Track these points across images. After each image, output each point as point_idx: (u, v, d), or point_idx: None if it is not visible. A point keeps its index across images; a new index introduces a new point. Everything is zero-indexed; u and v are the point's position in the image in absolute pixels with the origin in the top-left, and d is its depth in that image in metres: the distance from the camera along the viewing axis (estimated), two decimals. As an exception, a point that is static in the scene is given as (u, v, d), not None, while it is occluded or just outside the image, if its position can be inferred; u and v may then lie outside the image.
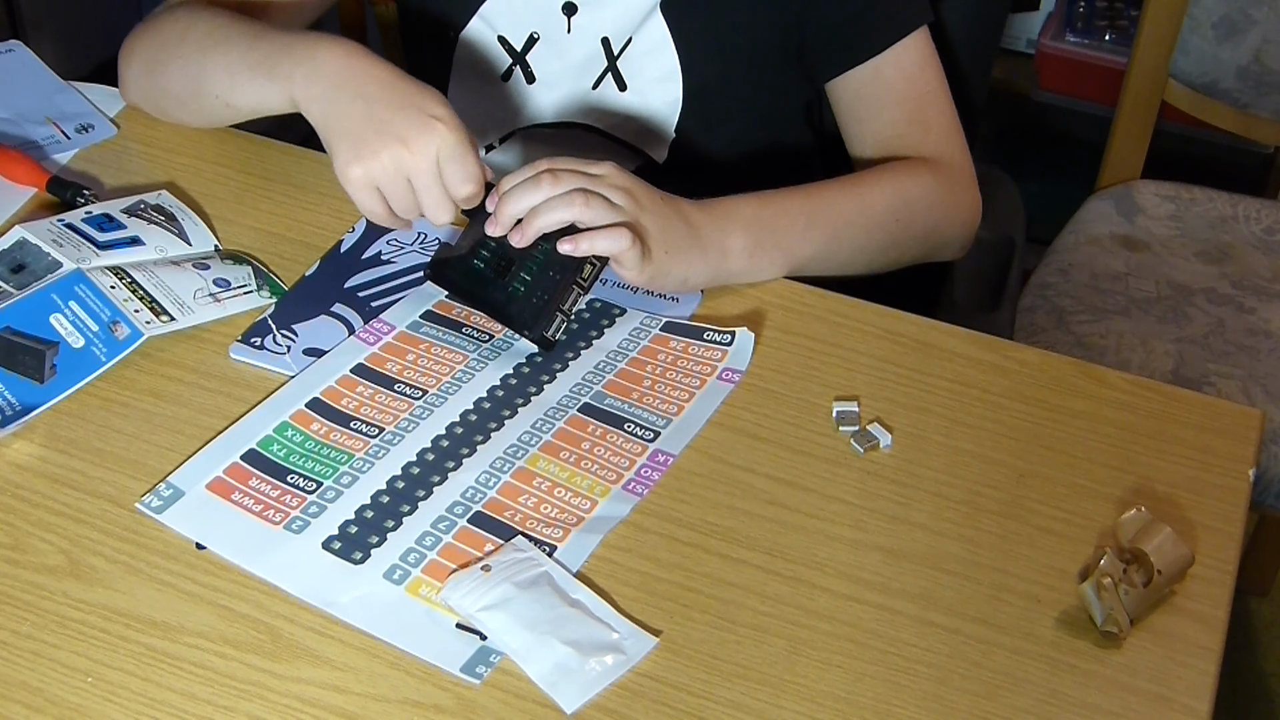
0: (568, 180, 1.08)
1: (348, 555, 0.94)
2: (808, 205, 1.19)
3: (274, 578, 0.93)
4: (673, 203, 1.12)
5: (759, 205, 1.16)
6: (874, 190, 1.22)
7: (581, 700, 0.87)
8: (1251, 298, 1.71)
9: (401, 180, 1.08)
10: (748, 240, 1.14)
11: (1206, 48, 1.78)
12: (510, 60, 1.32)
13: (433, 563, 0.94)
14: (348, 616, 0.91)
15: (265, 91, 1.15)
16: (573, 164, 1.10)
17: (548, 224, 1.07)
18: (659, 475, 1.00)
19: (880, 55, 1.25)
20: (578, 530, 0.96)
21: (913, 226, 1.24)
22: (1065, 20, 2.55)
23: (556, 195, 1.07)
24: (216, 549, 0.94)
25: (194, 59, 1.21)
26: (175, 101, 1.26)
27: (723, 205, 1.15)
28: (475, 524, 0.96)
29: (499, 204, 1.09)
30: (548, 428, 1.03)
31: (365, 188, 1.09)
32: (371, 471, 1.00)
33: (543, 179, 1.07)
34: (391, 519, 0.97)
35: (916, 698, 0.88)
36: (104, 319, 1.06)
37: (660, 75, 1.29)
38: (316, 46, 1.12)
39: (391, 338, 1.10)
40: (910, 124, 1.27)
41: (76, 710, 0.85)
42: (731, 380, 1.07)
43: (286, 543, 0.95)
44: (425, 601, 0.92)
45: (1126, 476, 1.02)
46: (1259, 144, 2.24)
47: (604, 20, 1.28)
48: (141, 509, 0.96)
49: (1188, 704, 0.89)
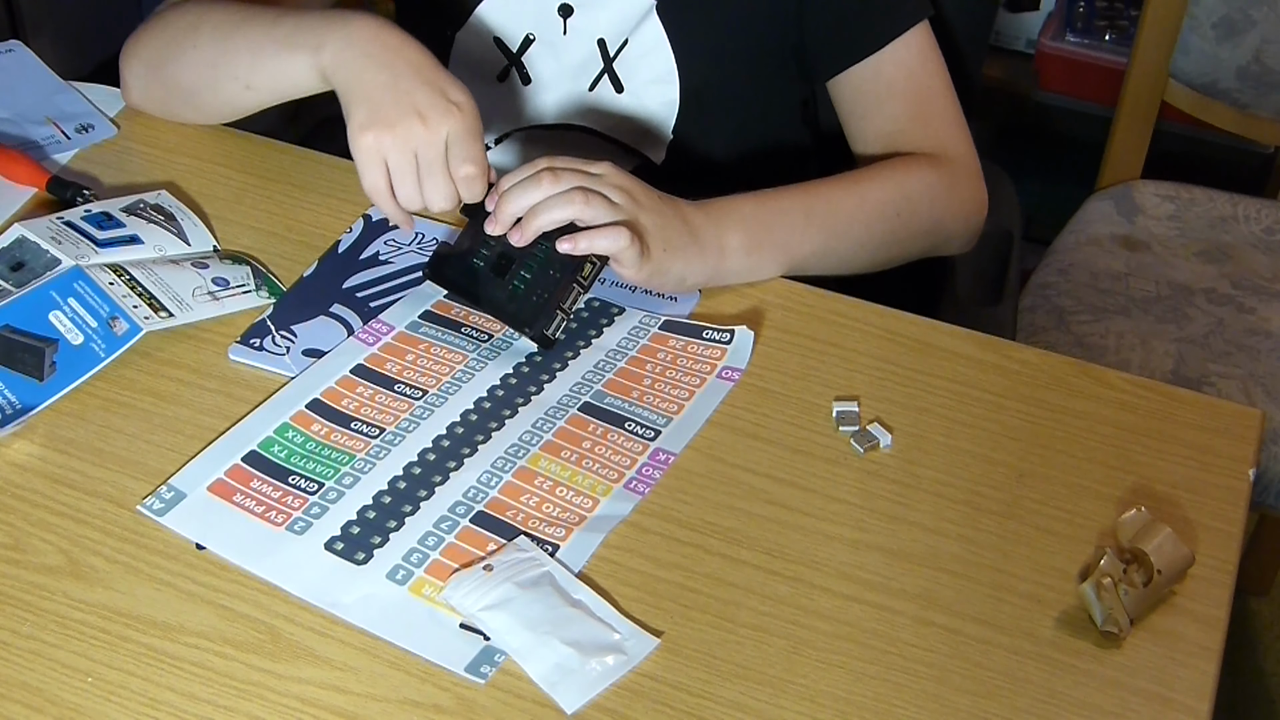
0: (567, 179, 1.08)
1: (350, 556, 0.94)
2: (806, 203, 1.19)
3: (277, 579, 0.93)
4: (671, 202, 1.12)
5: (757, 204, 1.17)
6: (874, 186, 1.22)
7: (582, 700, 0.86)
8: (1251, 298, 1.71)
9: (409, 155, 1.08)
10: (745, 239, 1.14)
11: (1206, 48, 1.78)
12: (506, 61, 1.32)
13: (435, 562, 0.94)
14: (351, 617, 0.91)
15: (292, 64, 1.15)
16: (572, 163, 1.10)
17: (547, 222, 1.07)
18: (660, 474, 1.00)
19: (881, 51, 1.25)
20: (580, 529, 0.96)
21: (914, 222, 1.24)
22: (1065, 20, 2.54)
23: (556, 194, 1.07)
24: (219, 551, 0.94)
25: (211, 44, 1.21)
26: (185, 94, 1.26)
27: (721, 204, 1.15)
28: (478, 523, 0.96)
29: (499, 203, 1.09)
30: (548, 427, 1.03)
31: (373, 157, 1.09)
32: (373, 472, 1.00)
33: (542, 177, 1.08)
34: (394, 519, 0.96)
35: (916, 698, 0.88)
36: (103, 315, 1.06)
37: (656, 77, 1.29)
38: (351, 18, 1.13)
39: (391, 338, 1.10)
40: (913, 119, 1.27)
41: (76, 710, 0.85)
42: (731, 379, 1.07)
43: (289, 544, 0.95)
44: (429, 601, 0.92)
45: (1126, 476, 1.02)
46: (1259, 144, 2.24)
47: (600, 22, 1.28)
48: (143, 511, 0.96)
49: (1188, 704, 0.89)
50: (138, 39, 1.28)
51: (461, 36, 1.33)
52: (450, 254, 1.13)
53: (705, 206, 1.14)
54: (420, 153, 1.08)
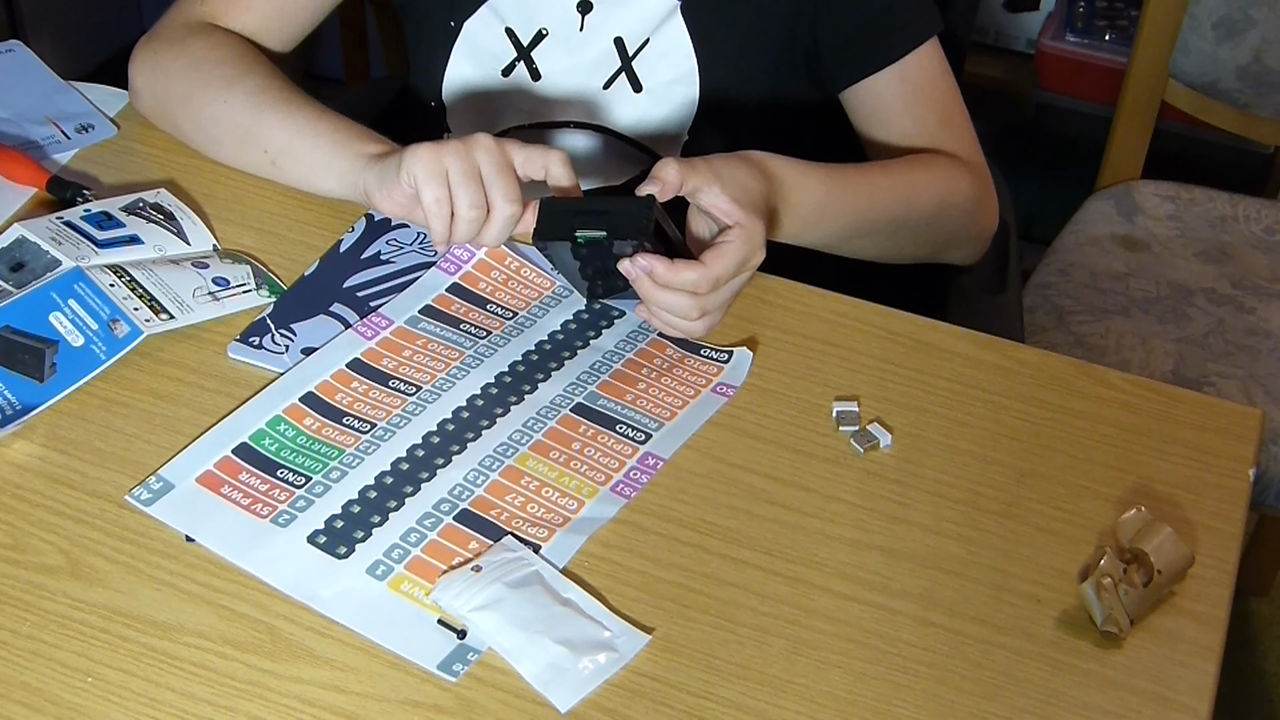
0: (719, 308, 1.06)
1: (332, 550, 0.94)
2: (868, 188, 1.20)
3: (258, 570, 0.93)
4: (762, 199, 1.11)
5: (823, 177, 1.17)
6: (920, 185, 1.24)
7: (575, 699, 0.87)
8: (1251, 298, 1.71)
9: (471, 163, 1.07)
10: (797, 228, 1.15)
11: (1206, 48, 1.78)
12: (515, 55, 1.32)
13: (416, 559, 0.94)
14: (329, 611, 0.91)
15: (332, 188, 1.18)
16: (737, 260, 1.05)
17: (669, 332, 1.08)
18: (648, 478, 1.00)
19: (905, 58, 1.25)
20: (563, 530, 0.96)
21: (943, 225, 1.26)
22: (1065, 20, 2.54)
23: (693, 323, 1.06)
24: (204, 541, 0.94)
25: (246, 110, 1.22)
26: (207, 139, 1.25)
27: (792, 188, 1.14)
28: (461, 522, 0.96)
29: (647, 301, 1.06)
30: (539, 427, 1.03)
31: (433, 168, 1.07)
32: (361, 467, 1.00)
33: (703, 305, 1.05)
34: (378, 514, 0.96)
35: (916, 698, 0.88)
36: (103, 317, 1.06)
37: (677, 77, 1.29)
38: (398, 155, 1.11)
39: (389, 333, 1.10)
40: (940, 125, 1.27)
41: (76, 710, 0.85)
42: (725, 394, 1.07)
43: (272, 536, 0.95)
44: (407, 598, 0.92)
45: (1126, 476, 1.02)
46: (1259, 144, 2.24)
47: (619, 20, 1.28)
48: (131, 501, 0.96)
49: (1188, 704, 0.89)
50: (156, 56, 1.27)
51: (471, 25, 1.32)
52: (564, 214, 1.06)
53: (780, 182, 1.13)
54: (482, 159, 1.07)
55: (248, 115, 1.21)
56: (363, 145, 1.17)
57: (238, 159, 1.23)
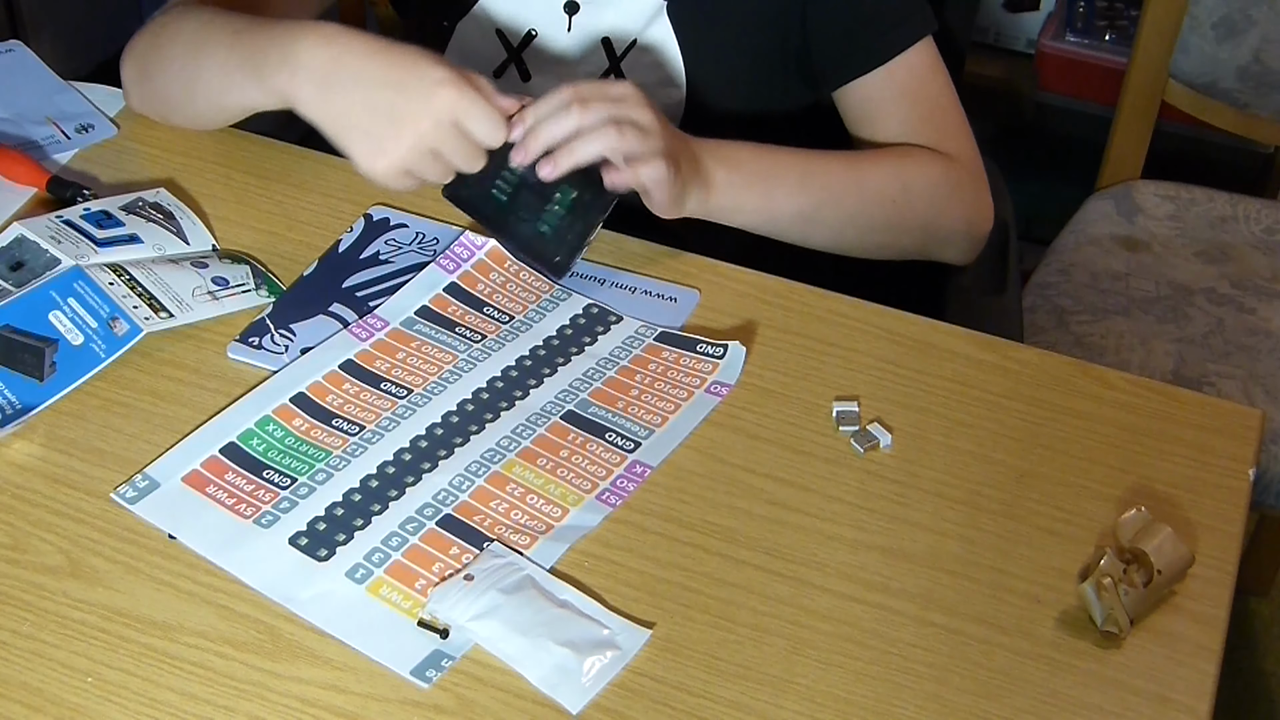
0: (597, 109, 1.07)
1: (313, 552, 0.94)
2: (804, 165, 1.20)
3: (237, 570, 0.92)
4: (678, 131, 1.13)
5: (754, 151, 1.18)
6: (874, 168, 1.24)
7: (585, 700, 0.86)
8: (1251, 298, 1.71)
9: (427, 155, 1.08)
10: (734, 177, 1.16)
11: (1206, 48, 1.78)
12: (505, 55, 1.32)
13: (396, 564, 0.93)
14: (306, 613, 0.90)
15: (255, 96, 1.15)
16: (597, 89, 1.09)
17: (583, 158, 1.07)
18: (635, 486, 1.00)
19: (894, 60, 1.25)
20: (546, 538, 0.95)
21: (910, 213, 1.24)
22: (1065, 20, 2.54)
23: (588, 126, 1.06)
24: (185, 540, 0.94)
25: (185, 62, 1.20)
26: (172, 106, 1.25)
27: (720, 143, 1.17)
28: (443, 527, 0.96)
29: (527, 135, 1.08)
30: (528, 434, 1.03)
31: (395, 177, 1.09)
32: (347, 469, 0.99)
33: (572, 110, 1.07)
34: (361, 518, 0.96)
35: (916, 698, 0.88)
36: (103, 315, 1.06)
37: (663, 78, 1.29)
38: (293, 44, 1.11)
39: (384, 334, 1.10)
40: (924, 123, 1.27)
41: (76, 710, 0.85)
42: (719, 394, 1.07)
43: (254, 537, 0.94)
44: (385, 602, 0.91)
45: (1126, 476, 1.02)
46: (1259, 144, 2.24)
47: (606, 21, 1.28)
48: (116, 499, 0.96)
49: (1188, 704, 0.89)
50: (134, 45, 1.27)
51: (463, 26, 1.32)
52: (468, 177, 1.11)
53: (704, 142, 1.16)
54: (439, 149, 1.08)
55: (187, 68, 1.20)
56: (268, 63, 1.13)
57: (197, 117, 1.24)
